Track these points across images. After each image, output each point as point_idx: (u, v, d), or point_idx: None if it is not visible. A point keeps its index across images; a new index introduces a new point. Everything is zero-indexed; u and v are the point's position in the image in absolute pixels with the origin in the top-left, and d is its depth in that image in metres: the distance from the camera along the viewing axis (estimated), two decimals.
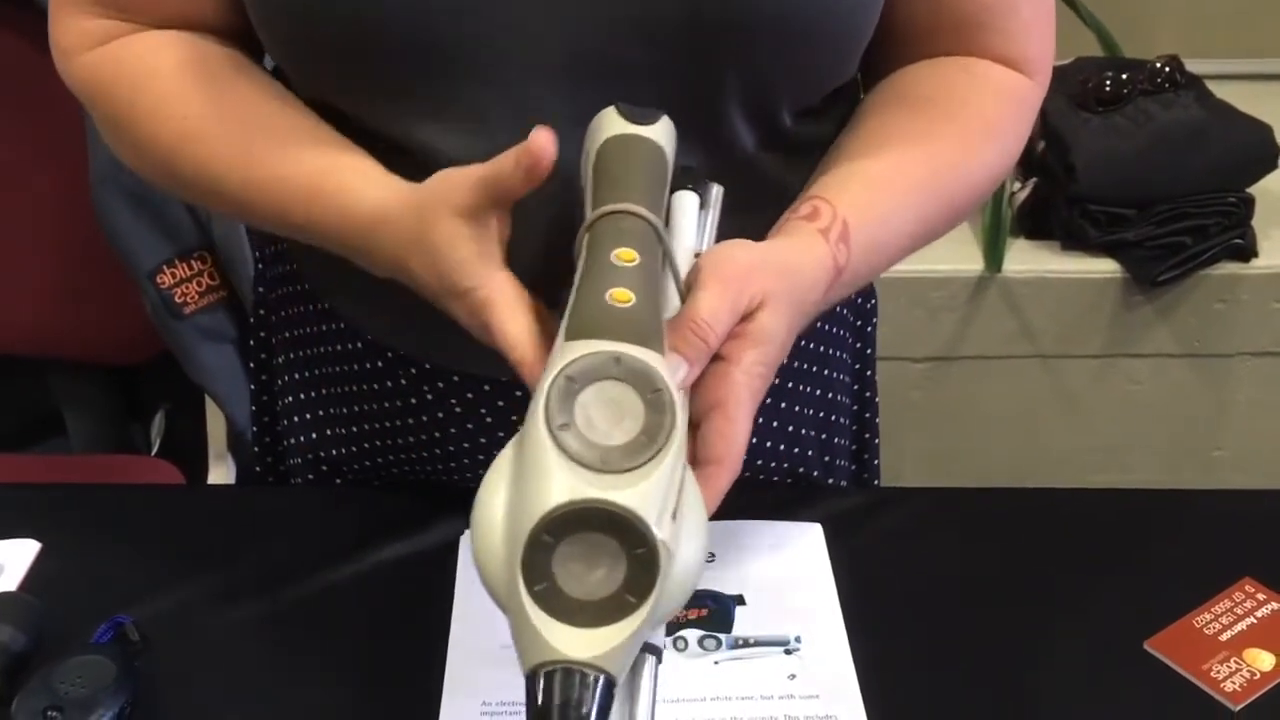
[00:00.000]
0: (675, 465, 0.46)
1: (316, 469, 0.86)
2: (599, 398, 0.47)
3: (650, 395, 0.47)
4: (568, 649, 0.44)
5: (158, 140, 0.68)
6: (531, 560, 0.44)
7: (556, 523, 0.44)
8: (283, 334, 0.85)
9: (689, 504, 0.48)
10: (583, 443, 0.45)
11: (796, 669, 0.71)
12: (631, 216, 0.54)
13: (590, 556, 0.45)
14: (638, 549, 0.44)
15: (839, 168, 0.68)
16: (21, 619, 0.71)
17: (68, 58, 0.71)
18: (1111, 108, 1.69)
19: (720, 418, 0.55)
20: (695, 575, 0.48)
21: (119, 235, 1.26)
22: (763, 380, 0.57)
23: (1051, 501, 0.85)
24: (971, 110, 0.71)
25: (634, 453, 0.45)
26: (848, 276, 0.65)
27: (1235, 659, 0.71)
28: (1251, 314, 1.73)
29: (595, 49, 0.63)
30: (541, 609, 0.44)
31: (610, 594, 0.44)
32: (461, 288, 0.57)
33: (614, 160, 0.57)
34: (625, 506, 0.44)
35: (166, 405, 1.50)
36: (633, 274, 0.51)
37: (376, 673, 0.71)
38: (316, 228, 0.66)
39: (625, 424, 0.46)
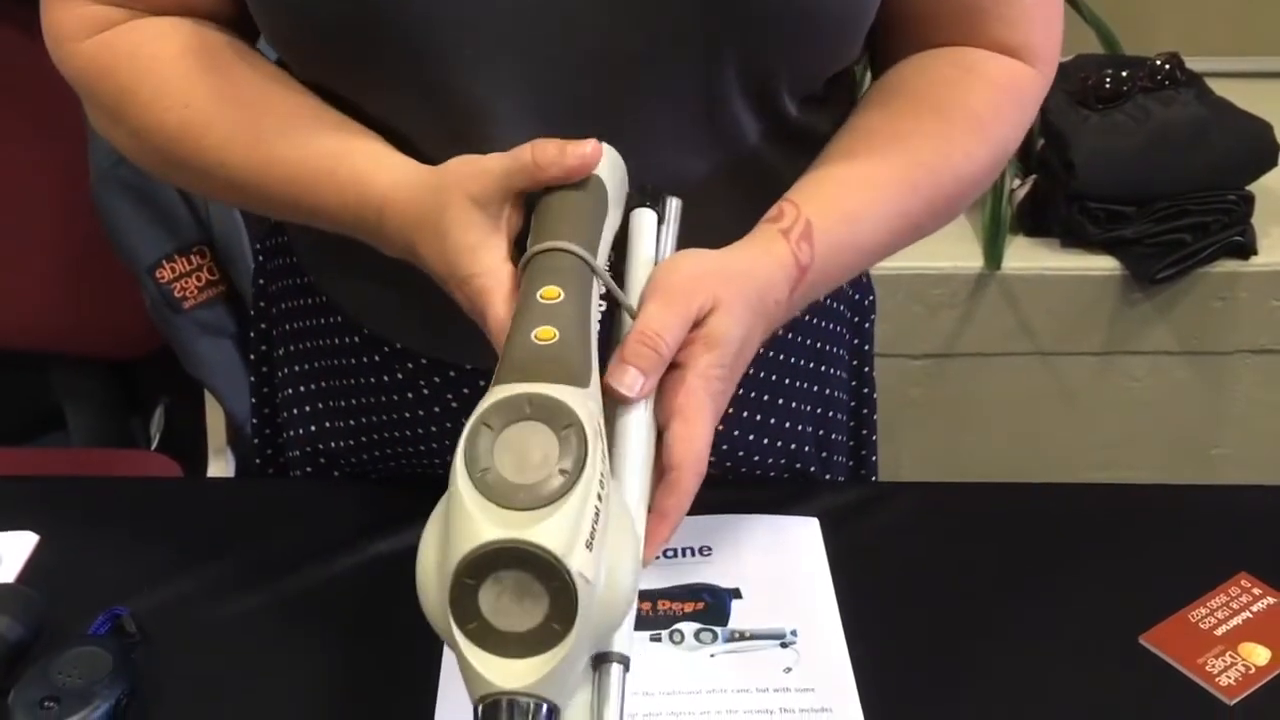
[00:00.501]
0: (587, 496, 0.48)
1: (315, 462, 0.86)
2: (515, 438, 0.49)
3: (563, 431, 0.49)
4: (503, 681, 0.47)
5: (161, 128, 0.67)
6: (459, 602, 0.47)
7: (474, 565, 0.47)
8: (283, 326, 0.85)
9: (615, 531, 0.50)
10: (500, 483, 0.47)
11: (792, 662, 0.71)
12: (559, 253, 0.56)
13: (513, 591, 0.47)
14: (553, 582, 0.47)
15: (814, 171, 0.68)
16: (19, 610, 0.72)
17: (63, 45, 0.70)
18: (1111, 105, 1.68)
19: (679, 423, 0.56)
20: (626, 595, 0.50)
21: (118, 230, 1.26)
22: (721, 382, 0.58)
23: (1048, 496, 0.85)
24: (957, 104, 0.70)
25: (547, 489, 0.47)
26: (816, 275, 0.64)
27: (1230, 653, 0.71)
28: (1251, 312, 1.73)
29: (597, 37, 0.63)
30: (476, 645, 0.47)
31: (537, 624, 0.47)
32: (464, 273, 0.58)
33: (548, 198, 0.59)
34: (535, 544, 0.46)
35: (166, 400, 1.50)
36: (556, 310, 0.54)
37: (373, 665, 0.71)
38: (329, 211, 0.65)
39: (539, 462, 0.48)
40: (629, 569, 0.50)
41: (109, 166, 1.24)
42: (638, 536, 0.53)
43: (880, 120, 0.70)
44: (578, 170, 0.58)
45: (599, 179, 0.60)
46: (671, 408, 0.57)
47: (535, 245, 0.57)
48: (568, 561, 0.46)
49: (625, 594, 0.50)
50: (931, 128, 0.69)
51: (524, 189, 0.58)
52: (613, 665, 0.51)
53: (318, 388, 0.84)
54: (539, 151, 0.58)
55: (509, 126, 0.63)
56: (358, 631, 0.73)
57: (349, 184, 0.63)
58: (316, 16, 0.64)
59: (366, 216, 0.63)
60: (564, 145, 0.58)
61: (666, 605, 0.74)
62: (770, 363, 0.82)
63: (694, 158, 0.69)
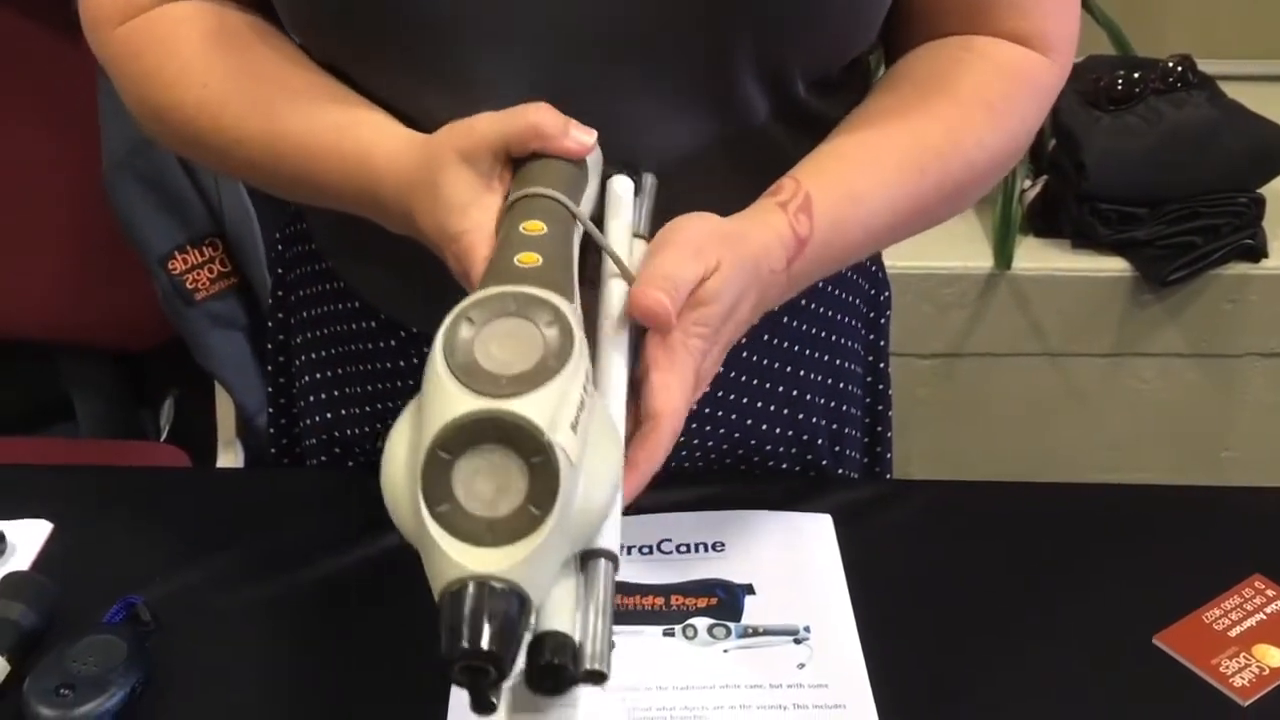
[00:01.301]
0: (572, 380, 0.46)
1: (330, 450, 0.86)
2: (496, 331, 0.47)
3: (547, 326, 0.47)
4: (474, 565, 0.43)
5: (182, 106, 0.69)
6: (431, 479, 0.44)
7: (451, 437, 0.44)
8: (300, 314, 0.85)
9: (599, 430, 0.48)
10: (478, 371, 0.45)
11: (806, 658, 0.71)
12: (541, 198, 0.55)
13: (490, 473, 0.44)
14: (534, 457, 0.44)
15: (820, 149, 0.68)
16: (33, 598, 0.72)
17: (98, 30, 0.72)
18: (1123, 106, 1.68)
19: (657, 373, 0.55)
20: (605, 501, 0.48)
21: (132, 221, 1.26)
22: (702, 340, 0.57)
23: (1061, 496, 0.85)
24: (966, 87, 0.69)
25: (530, 375, 0.45)
26: (817, 250, 0.63)
27: (1244, 654, 0.71)
28: (1261, 314, 1.73)
29: (609, 18, 0.63)
30: (446, 531, 0.44)
31: (515, 509, 0.44)
32: (454, 230, 0.57)
33: (534, 160, 0.59)
34: (517, 413, 0.44)
35: (175, 391, 1.50)
36: (539, 241, 0.53)
37: (387, 655, 0.71)
38: (335, 185, 0.66)
39: (522, 352, 0.46)
40: (611, 470, 0.48)
41: (123, 157, 1.24)
42: (621, 442, 0.51)
43: (889, 103, 0.70)
44: (576, 153, 0.58)
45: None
46: (650, 359, 0.56)
47: (518, 192, 0.56)
48: (552, 435, 0.44)
49: (605, 491, 0.47)
50: (941, 112, 0.68)
51: (516, 153, 0.58)
52: (600, 561, 0.48)
53: (334, 374, 0.84)
54: (544, 121, 0.57)
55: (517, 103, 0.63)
56: (371, 621, 0.73)
57: (351, 155, 0.64)
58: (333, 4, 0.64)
59: (367, 188, 0.64)
60: (568, 124, 0.58)
61: (680, 600, 0.74)
62: (783, 353, 0.82)
63: (703, 139, 0.69)
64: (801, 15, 0.65)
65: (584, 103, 0.64)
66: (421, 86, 0.66)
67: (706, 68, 0.66)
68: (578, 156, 0.59)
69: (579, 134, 0.58)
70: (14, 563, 0.77)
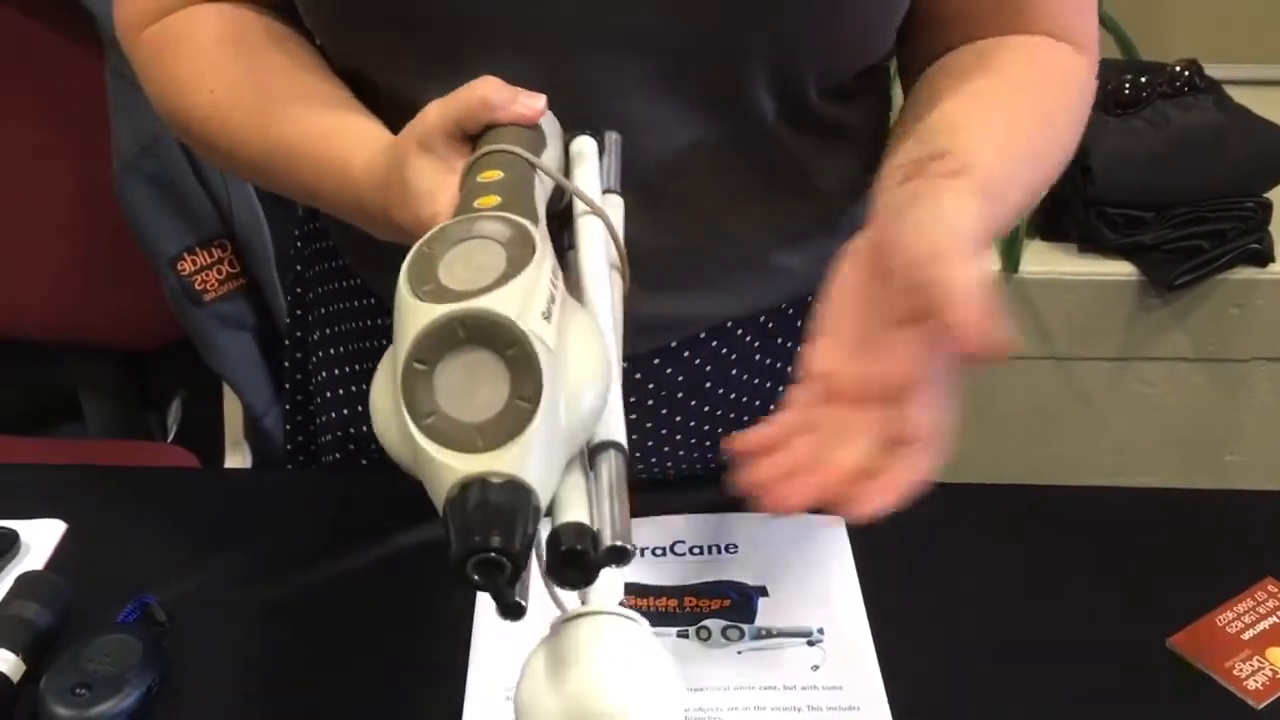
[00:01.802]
0: (537, 274, 0.45)
1: (345, 447, 0.87)
2: (459, 256, 0.46)
3: (510, 238, 0.47)
4: (471, 468, 0.42)
5: (194, 109, 0.70)
6: (412, 393, 0.43)
7: (423, 346, 0.43)
8: (318, 311, 0.86)
9: (577, 326, 0.47)
10: (445, 291, 0.45)
11: (819, 660, 0.71)
12: (496, 154, 0.55)
13: (469, 374, 0.43)
14: (509, 349, 0.43)
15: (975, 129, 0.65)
16: (48, 597, 0.72)
17: (129, 34, 0.74)
18: (1130, 110, 1.69)
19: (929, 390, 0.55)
20: (598, 382, 0.46)
21: (141, 222, 1.26)
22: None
23: (1073, 499, 0.85)
24: (1046, 84, 0.70)
25: (496, 282, 0.45)
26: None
27: (1258, 658, 0.71)
28: (1267, 319, 1.73)
29: (621, 18, 0.64)
30: (436, 441, 0.43)
31: (502, 406, 0.43)
32: (426, 216, 0.57)
33: (489, 131, 0.58)
34: (484, 308, 0.43)
35: (183, 392, 1.50)
36: (495, 185, 0.52)
37: (401, 656, 0.71)
38: (324, 192, 0.66)
39: (486, 266, 0.45)
40: (597, 356, 0.47)
41: (133, 158, 1.24)
42: (605, 335, 0.50)
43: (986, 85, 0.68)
44: (528, 118, 0.57)
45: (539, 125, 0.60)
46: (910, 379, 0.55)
47: (475, 154, 0.56)
48: (522, 323, 0.43)
49: (597, 380, 0.46)
50: (1038, 111, 0.69)
51: (470, 129, 0.58)
52: (608, 451, 0.47)
53: (350, 371, 0.84)
54: (490, 93, 0.57)
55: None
56: (386, 620, 0.73)
57: (336, 163, 0.64)
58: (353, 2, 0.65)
59: (350, 195, 0.64)
60: (515, 92, 0.58)
61: (693, 602, 0.75)
62: (798, 357, 0.81)
63: (714, 140, 0.69)
64: (816, 21, 0.65)
65: (597, 101, 0.65)
66: (439, 86, 0.66)
67: (719, 70, 0.66)
68: (530, 122, 0.58)
69: (528, 99, 0.58)
70: (28, 562, 0.77)
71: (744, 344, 0.79)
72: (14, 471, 0.89)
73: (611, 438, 0.48)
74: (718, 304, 0.77)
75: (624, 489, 0.46)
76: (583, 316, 0.49)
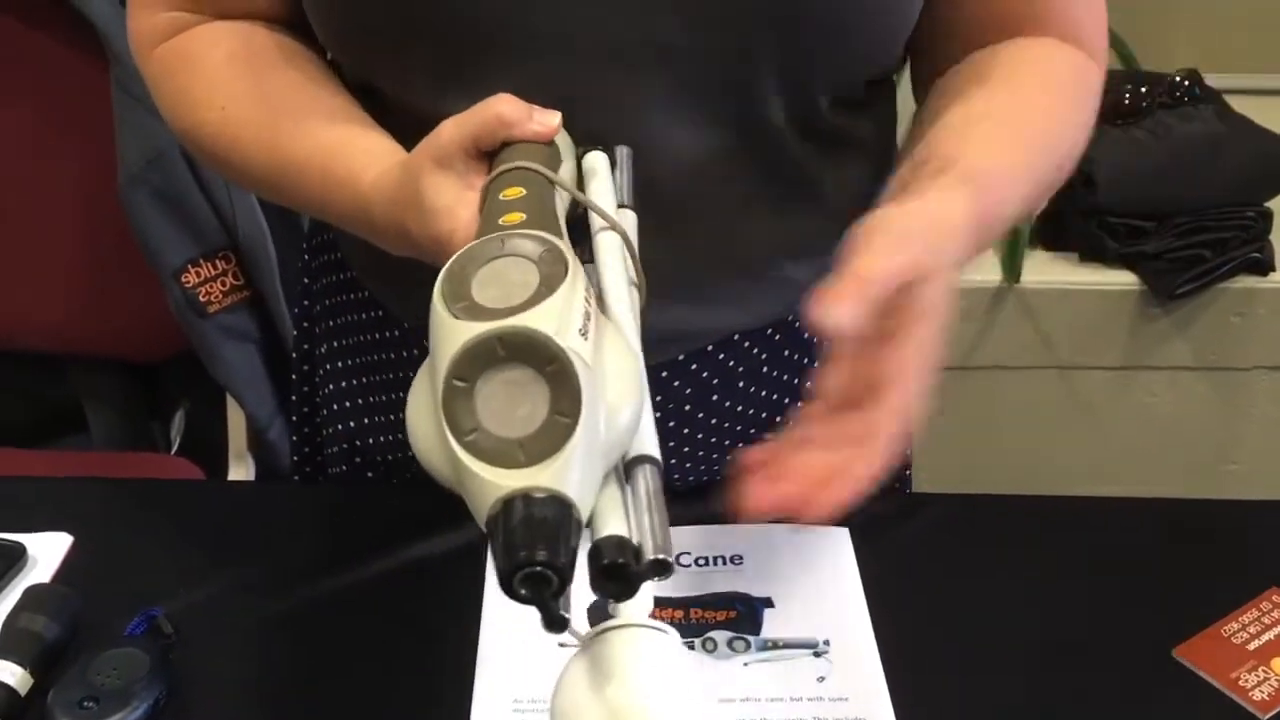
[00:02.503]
0: (572, 291, 0.46)
1: (352, 459, 0.87)
2: (492, 272, 0.47)
3: (541, 255, 0.47)
4: (513, 483, 0.43)
5: (205, 126, 0.71)
6: (453, 411, 0.44)
7: (463, 364, 0.44)
8: (326, 323, 0.86)
9: (611, 342, 0.48)
10: (481, 309, 0.45)
11: (825, 671, 0.71)
12: (516, 170, 0.56)
13: (510, 391, 0.44)
14: (549, 365, 0.44)
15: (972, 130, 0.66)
16: (56, 611, 0.72)
17: (142, 51, 0.74)
18: (1130, 120, 1.69)
19: (893, 393, 0.56)
20: (633, 398, 0.47)
21: (146, 234, 1.27)
22: (935, 352, 0.58)
23: (1078, 509, 0.85)
24: (1057, 84, 0.70)
25: (530, 297, 0.45)
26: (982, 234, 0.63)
27: (1263, 668, 0.71)
28: (1268, 328, 1.73)
29: (635, 30, 0.64)
30: (478, 457, 0.44)
31: (542, 422, 0.44)
32: (444, 233, 0.58)
33: (505, 149, 0.59)
34: (523, 325, 0.44)
35: (187, 404, 1.50)
36: (518, 202, 0.53)
37: (408, 668, 0.71)
38: (333, 208, 0.67)
39: (520, 284, 0.46)
40: (631, 372, 0.48)
41: (138, 170, 1.24)
42: (636, 351, 0.50)
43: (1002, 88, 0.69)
44: (542, 135, 0.58)
45: (554, 141, 0.60)
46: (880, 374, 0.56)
47: (493, 172, 0.57)
48: (561, 339, 0.44)
49: (632, 396, 0.47)
50: (1043, 102, 0.69)
51: (486, 146, 0.59)
52: (644, 466, 0.48)
53: (358, 383, 0.85)
54: (506, 110, 0.58)
55: None
56: (392, 633, 0.73)
57: (345, 181, 0.65)
58: (371, 10, 0.65)
59: (361, 212, 0.65)
60: (530, 109, 0.58)
61: (699, 614, 0.75)
62: (803, 369, 0.82)
63: (725, 151, 0.69)
64: (826, 32, 0.65)
65: (608, 113, 0.65)
66: (451, 99, 0.66)
67: (730, 81, 0.67)
68: (545, 139, 0.59)
69: (543, 117, 0.59)
70: (35, 575, 0.77)
71: (751, 356, 0.80)
72: (21, 484, 0.90)
73: (646, 452, 0.48)
74: (726, 317, 0.77)
75: (661, 502, 0.47)
76: (614, 332, 0.50)
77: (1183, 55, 1.83)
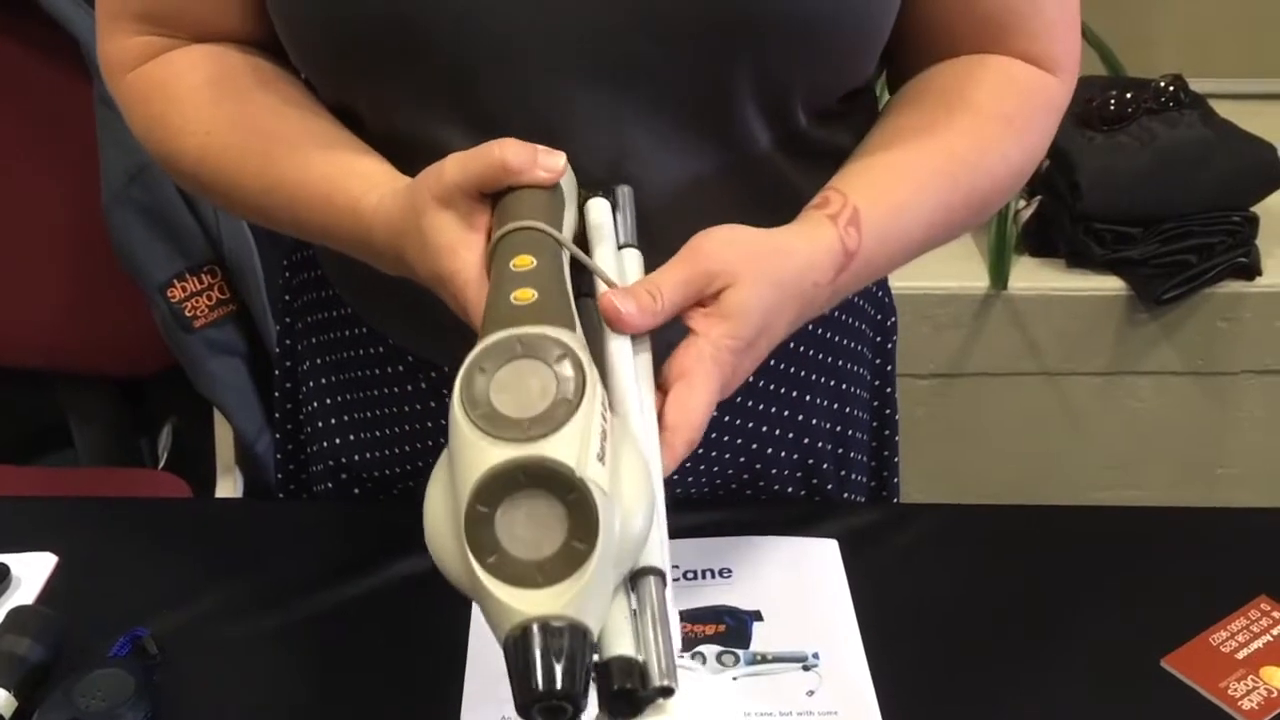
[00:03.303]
0: (592, 414, 0.47)
1: (337, 476, 0.87)
2: (510, 376, 0.48)
3: (557, 362, 0.48)
4: (531, 608, 0.45)
5: (187, 153, 0.71)
6: (475, 534, 0.46)
7: (486, 491, 0.46)
8: (308, 340, 0.86)
9: (626, 455, 0.49)
10: (500, 419, 0.47)
11: (815, 685, 0.71)
12: (525, 230, 0.57)
13: (530, 517, 0.46)
14: (569, 495, 0.45)
15: (855, 162, 0.69)
16: (40, 632, 0.71)
17: (114, 76, 0.74)
18: (1116, 126, 1.69)
19: (683, 386, 0.56)
20: (644, 523, 0.49)
21: (131, 249, 1.26)
22: (733, 355, 0.58)
23: (1067, 519, 0.85)
24: (988, 103, 0.70)
25: (551, 414, 0.47)
26: (861, 264, 0.65)
27: (1252, 677, 0.71)
28: (1255, 332, 1.74)
29: (611, 49, 0.64)
30: (498, 579, 0.45)
31: (559, 547, 0.45)
32: (445, 271, 0.59)
33: (510, 194, 0.60)
34: (547, 457, 0.45)
35: (174, 418, 1.50)
36: (531, 275, 0.54)
37: (396, 687, 0.71)
38: (331, 234, 0.67)
39: (538, 392, 0.47)
40: (644, 492, 0.49)
41: (122, 186, 1.24)
42: (651, 467, 0.52)
43: (916, 117, 0.70)
44: (547, 181, 0.59)
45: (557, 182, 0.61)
46: (678, 370, 0.57)
47: (500, 229, 0.57)
48: (582, 471, 0.45)
49: (643, 516, 0.49)
50: (966, 125, 0.70)
51: (489, 190, 0.59)
52: (649, 579, 0.49)
53: (341, 400, 0.84)
54: (511, 156, 0.58)
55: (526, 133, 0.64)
56: (379, 652, 0.73)
57: (343, 207, 0.65)
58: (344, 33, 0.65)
59: (360, 237, 0.65)
60: (534, 153, 0.59)
61: (688, 628, 0.74)
62: (791, 379, 0.82)
63: (707, 168, 0.69)
64: (798, 44, 0.65)
65: (589, 133, 0.65)
66: (429, 121, 0.67)
67: (709, 98, 0.67)
68: (550, 184, 0.59)
69: (547, 160, 0.59)
70: (19, 596, 0.76)
71: None
72: (5, 503, 0.89)
73: (652, 563, 0.50)
74: None
75: (667, 615, 0.49)
76: (627, 441, 0.51)
77: (1168, 61, 1.84)
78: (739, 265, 0.59)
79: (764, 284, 0.59)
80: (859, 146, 0.71)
